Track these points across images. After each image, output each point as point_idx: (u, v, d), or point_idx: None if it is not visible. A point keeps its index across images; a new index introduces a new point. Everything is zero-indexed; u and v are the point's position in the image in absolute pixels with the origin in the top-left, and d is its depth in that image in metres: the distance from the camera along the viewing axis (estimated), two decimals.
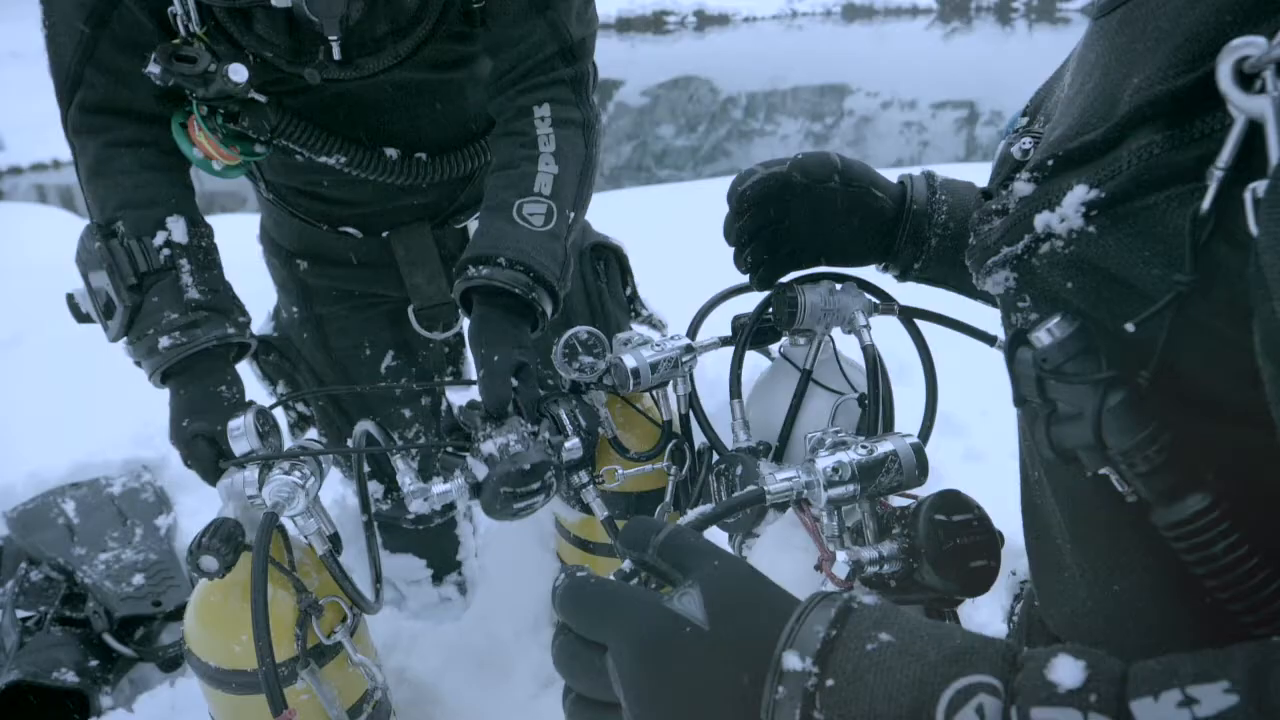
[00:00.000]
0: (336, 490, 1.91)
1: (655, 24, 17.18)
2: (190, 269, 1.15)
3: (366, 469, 1.28)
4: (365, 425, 1.12)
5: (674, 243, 3.03)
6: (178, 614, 1.77)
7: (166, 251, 1.14)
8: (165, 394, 1.16)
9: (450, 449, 1.09)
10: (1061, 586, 0.62)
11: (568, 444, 1.10)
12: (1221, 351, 0.41)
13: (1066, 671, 0.38)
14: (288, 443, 1.10)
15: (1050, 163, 0.52)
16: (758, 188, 0.97)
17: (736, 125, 11.97)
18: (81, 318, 1.22)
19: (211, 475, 1.08)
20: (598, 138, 1.27)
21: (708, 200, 1.60)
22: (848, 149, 9.71)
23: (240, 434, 1.05)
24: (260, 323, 1.49)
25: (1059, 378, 0.51)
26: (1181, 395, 0.46)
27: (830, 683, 0.41)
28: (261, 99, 1.17)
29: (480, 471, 1.03)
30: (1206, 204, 0.41)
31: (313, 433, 1.54)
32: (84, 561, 1.84)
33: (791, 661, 0.42)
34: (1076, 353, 0.50)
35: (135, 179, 1.17)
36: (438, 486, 1.02)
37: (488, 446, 1.03)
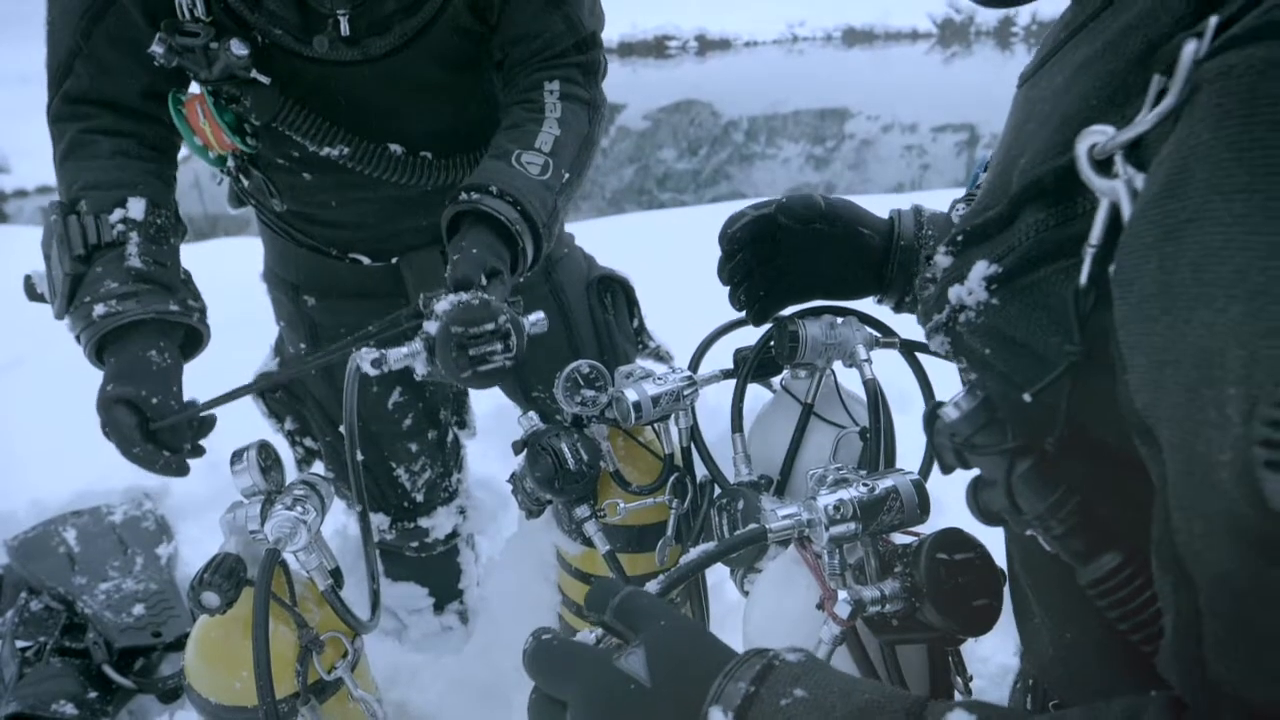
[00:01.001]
0: (339, 520, 1.91)
1: (657, 49, 17.31)
2: (138, 241, 1.14)
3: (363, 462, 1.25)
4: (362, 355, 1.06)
5: (678, 269, 3.04)
6: (178, 644, 1.77)
7: (120, 228, 1.15)
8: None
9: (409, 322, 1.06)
10: (1031, 633, 0.64)
11: (532, 317, 1.08)
12: (1122, 412, 0.42)
13: None
14: (291, 477, 1.10)
15: (960, 238, 0.56)
16: (747, 229, 0.99)
17: (738, 149, 12.02)
18: (35, 297, 1.22)
19: (129, 444, 1.05)
20: (601, 119, 1.31)
21: (711, 226, 1.61)
22: (849, 172, 9.69)
23: (243, 468, 1.05)
24: (263, 359, 1.49)
25: (970, 450, 0.53)
26: (1094, 455, 0.47)
27: None
28: (265, 80, 1.17)
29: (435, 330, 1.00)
30: (1083, 279, 0.43)
31: (318, 466, 1.54)
32: (84, 591, 1.84)
33: (715, 717, 0.47)
34: (982, 425, 0.52)
35: (105, 162, 1.18)
36: (395, 351, 1.01)
37: (442, 305, 1.01)
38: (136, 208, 1.16)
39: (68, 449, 2.57)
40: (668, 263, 3.14)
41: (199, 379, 1.22)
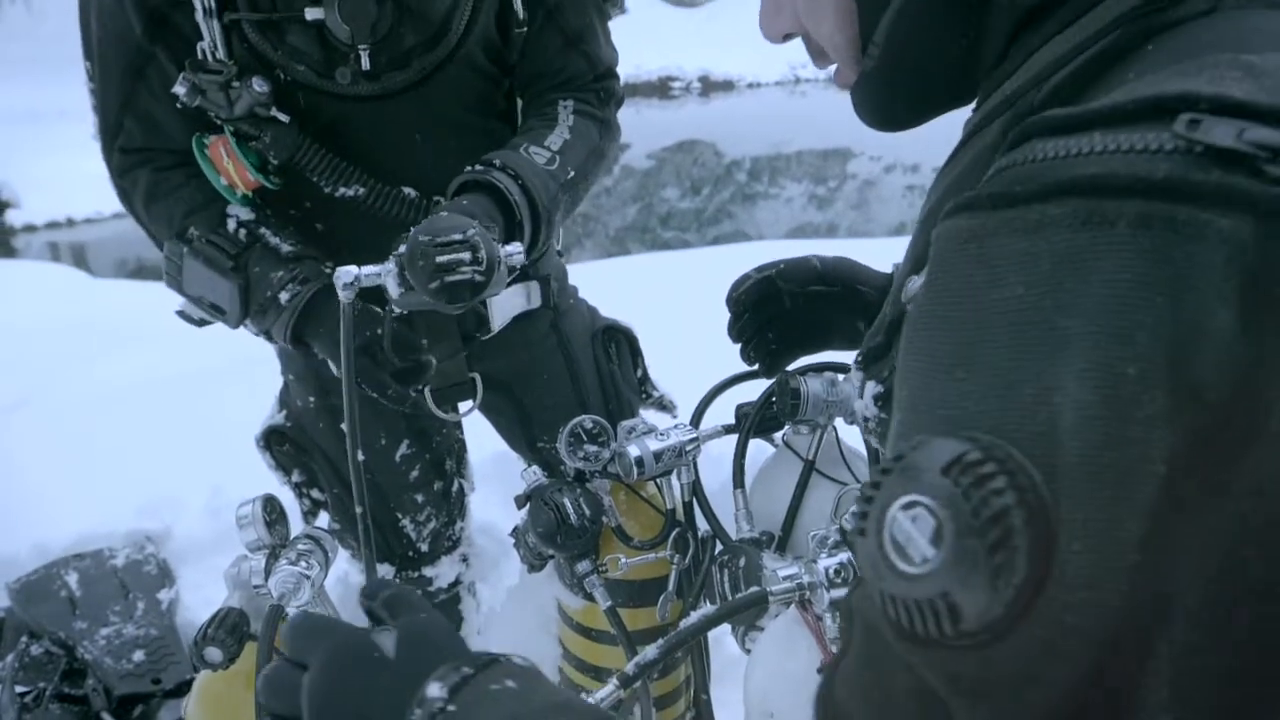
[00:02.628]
0: (340, 568, 1.90)
1: (661, 90, 17.52)
2: (270, 232, 1.23)
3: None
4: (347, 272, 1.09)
5: (681, 313, 3.06)
6: (177, 692, 1.76)
7: (243, 231, 1.22)
8: (172, 455, 1.18)
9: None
10: None
11: (509, 247, 1.10)
12: None
13: None
14: (296, 529, 1.11)
15: (860, 358, 0.63)
16: (752, 293, 1.03)
17: (741, 188, 12.11)
18: (198, 322, 1.32)
19: (382, 369, 1.14)
20: (612, 139, 1.39)
21: (713, 269, 1.63)
22: (851, 212, 9.76)
23: (248, 522, 1.06)
24: (268, 412, 1.50)
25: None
26: None
27: (452, 708, 0.50)
28: (284, 118, 1.21)
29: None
30: None
31: (323, 518, 1.54)
32: (85, 636, 1.84)
33: (433, 690, 0.51)
34: None
35: (190, 189, 1.25)
36: (368, 268, 1.06)
37: (417, 227, 1.04)
38: (241, 212, 1.24)
39: (71, 490, 2.59)
40: (671, 306, 3.17)
41: (206, 420, 1.23)
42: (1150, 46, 0.46)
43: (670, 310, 2.98)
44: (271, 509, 1.08)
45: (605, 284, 1.78)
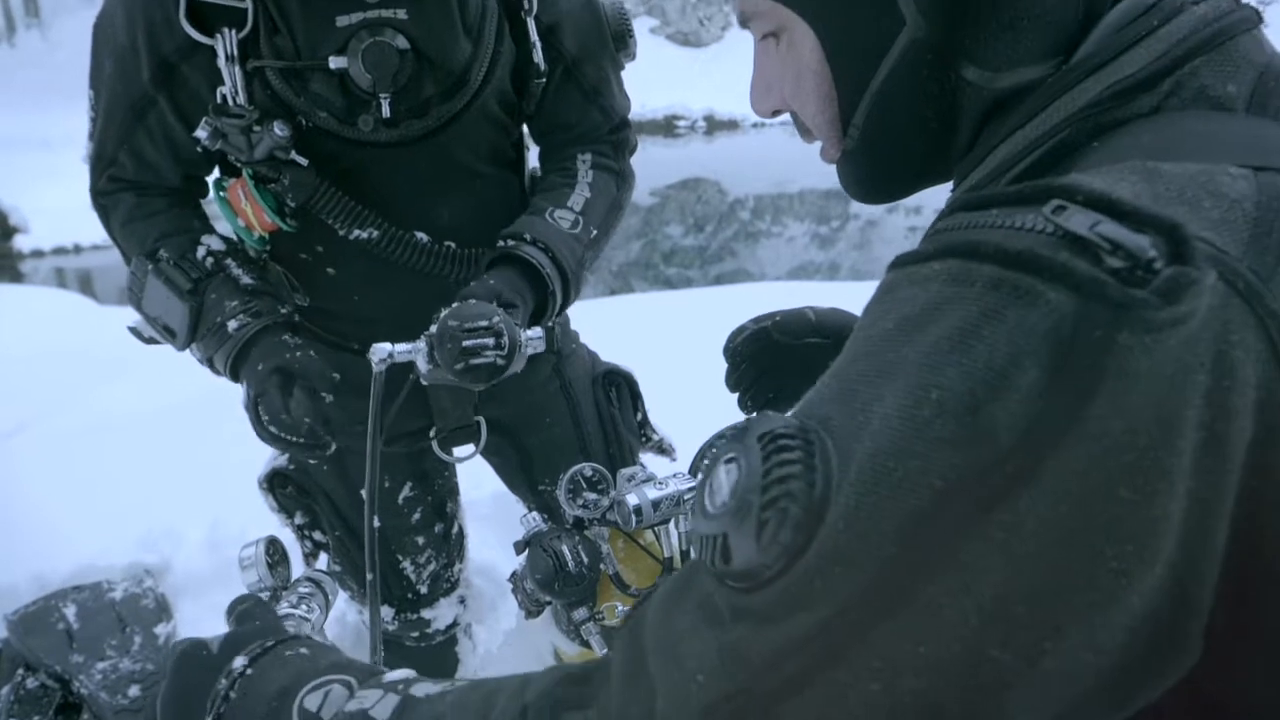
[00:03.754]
0: (338, 608, 1.91)
1: (666, 128, 17.72)
2: (236, 264, 1.27)
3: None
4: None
5: (683, 355, 3.08)
6: None
7: (210, 260, 1.27)
8: (172, 487, 1.21)
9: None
10: None
11: (530, 332, 1.18)
12: None
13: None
14: (297, 571, 1.12)
15: None
16: (749, 344, 1.05)
17: (744, 226, 12.19)
18: (146, 340, 1.35)
19: (276, 411, 1.16)
20: (628, 188, 1.46)
21: (715, 310, 1.66)
22: (853, 252, 9.79)
23: (250, 563, 1.07)
24: (270, 454, 1.51)
25: None
26: None
27: (250, 672, 0.61)
28: (303, 161, 1.24)
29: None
30: None
31: (323, 560, 1.55)
32: (81, 670, 1.83)
33: (237, 662, 0.62)
34: None
35: (167, 215, 1.30)
36: (401, 346, 1.15)
37: (444, 311, 1.14)
38: (215, 242, 1.28)
39: (72, 519, 2.59)
40: (672, 347, 3.19)
41: (207, 450, 1.24)
42: (1096, 144, 0.51)
43: (671, 351, 3.00)
44: (274, 551, 1.09)
45: (608, 323, 1.80)
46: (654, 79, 16.22)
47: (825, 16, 0.60)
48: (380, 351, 1.15)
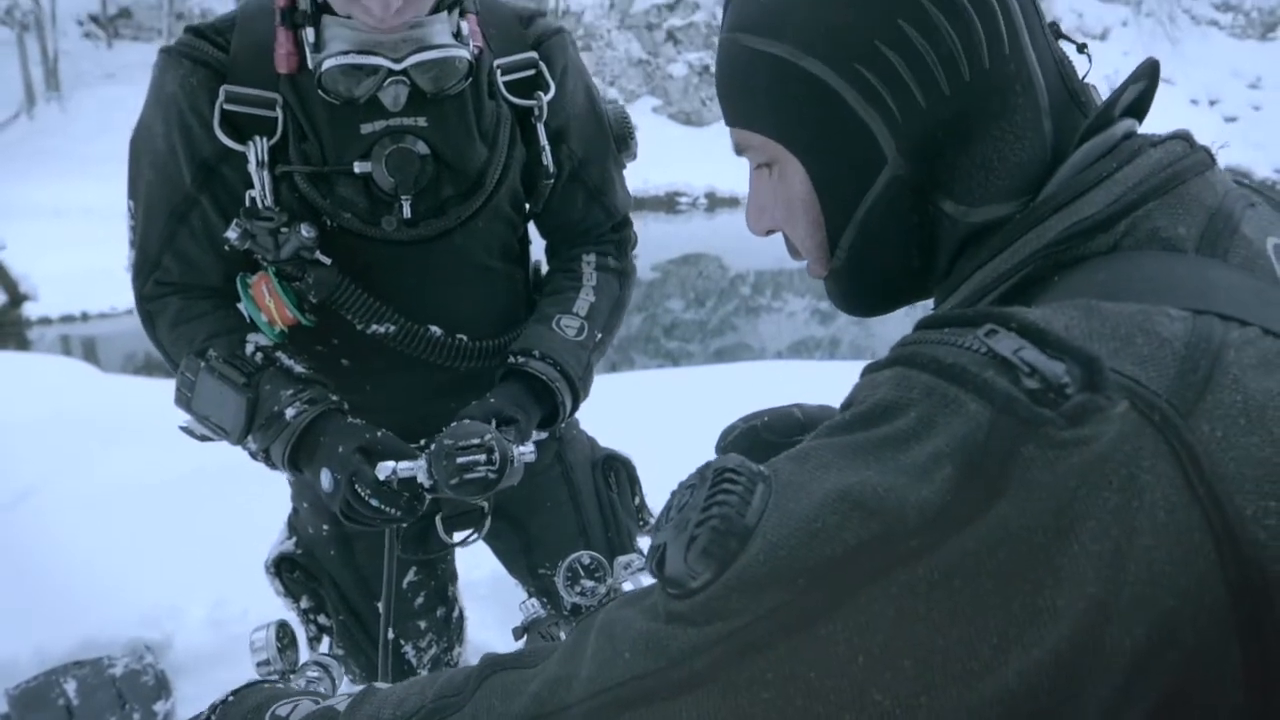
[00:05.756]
0: (341, 690, 1.92)
1: (668, 204, 18.05)
2: (287, 356, 1.32)
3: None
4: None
5: (682, 433, 3.11)
6: None
7: (260, 355, 1.31)
8: (175, 561, 1.24)
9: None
10: None
11: (522, 447, 1.25)
12: None
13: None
14: (304, 656, 1.15)
15: None
16: (739, 443, 1.09)
17: (744, 301, 12.33)
18: (201, 438, 1.38)
19: (366, 483, 1.21)
20: (631, 285, 1.53)
21: (714, 387, 1.71)
22: (853, 327, 9.76)
23: (261, 646, 1.10)
24: (276, 538, 1.55)
25: None
26: None
27: (230, 699, 0.74)
28: (326, 260, 1.30)
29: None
30: None
31: (325, 645, 1.58)
32: None
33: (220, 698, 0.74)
34: None
35: (214, 316, 1.34)
36: (404, 464, 1.21)
37: (443, 431, 1.21)
38: (261, 338, 1.33)
39: (74, 592, 2.60)
40: (672, 425, 3.22)
41: (210, 524, 1.26)
42: (1056, 278, 0.57)
43: (671, 429, 3.03)
44: (284, 635, 1.12)
45: (609, 401, 1.85)
46: (656, 157, 16.55)
47: (814, 152, 0.66)
48: (385, 469, 1.21)
